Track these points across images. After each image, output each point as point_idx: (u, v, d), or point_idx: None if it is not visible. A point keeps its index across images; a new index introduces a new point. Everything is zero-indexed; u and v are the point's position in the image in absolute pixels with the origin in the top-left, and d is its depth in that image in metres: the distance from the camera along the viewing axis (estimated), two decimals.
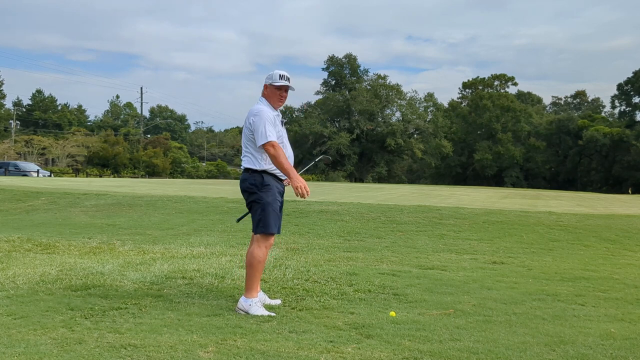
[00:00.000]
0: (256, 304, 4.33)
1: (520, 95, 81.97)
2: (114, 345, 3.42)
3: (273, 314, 4.25)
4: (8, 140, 60.19)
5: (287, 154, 4.54)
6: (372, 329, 3.93)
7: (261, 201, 4.41)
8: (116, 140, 62.22)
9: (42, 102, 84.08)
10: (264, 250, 4.43)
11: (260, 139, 4.33)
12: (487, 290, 5.40)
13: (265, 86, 4.58)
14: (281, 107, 4.70)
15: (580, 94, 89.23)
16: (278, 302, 4.62)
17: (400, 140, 65.45)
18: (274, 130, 4.38)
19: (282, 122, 4.62)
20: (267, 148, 4.33)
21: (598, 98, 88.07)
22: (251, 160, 4.47)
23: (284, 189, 4.62)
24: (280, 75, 4.55)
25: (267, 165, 4.45)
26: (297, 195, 4.30)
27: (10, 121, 67.55)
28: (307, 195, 4.29)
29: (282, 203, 4.58)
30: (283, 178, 4.55)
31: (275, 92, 4.55)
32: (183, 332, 3.74)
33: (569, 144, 70.18)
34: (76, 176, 49.17)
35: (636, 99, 69.86)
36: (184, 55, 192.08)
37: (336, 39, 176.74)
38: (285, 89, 4.59)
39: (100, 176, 50.35)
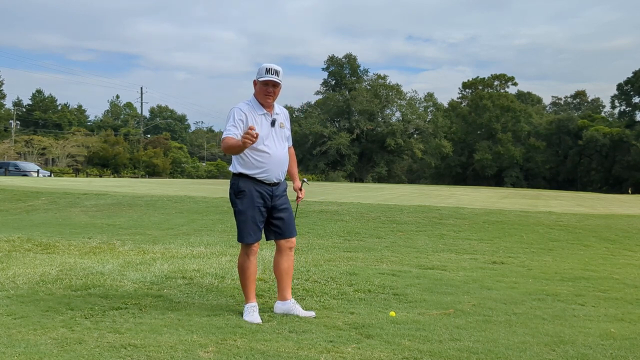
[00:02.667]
0: (247, 309, 4.20)
1: (520, 95, 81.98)
2: (114, 345, 3.42)
3: (259, 322, 4.04)
4: (8, 140, 60.19)
5: (277, 158, 4.24)
6: (372, 329, 3.93)
7: (235, 208, 4.29)
8: (116, 140, 62.25)
9: (42, 102, 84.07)
10: (244, 258, 4.29)
11: (226, 132, 4.10)
12: (487, 290, 5.40)
13: (254, 82, 4.26)
14: (284, 105, 4.53)
15: (580, 94, 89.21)
16: (312, 314, 4.27)
17: (400, 140, 65.46)
18: (235, 129, 4.07)
19: (273, 121, 4.25)
20: (222, 146, 4.13)
21: (598, 98, 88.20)
22: (232, 163, 4.34)
23: (272, 193, 4.28)
24: (267, 69, 4.16)
25: (243, 168, 4.24)
26: (246, 142, 3.79)
27: (10, 121, 67.56)
28: (251, 138, 3.78)
29: (269, 207, 4.28)
30: (268, 182, 4.25)
31: (262, 88, 4.19)
32: (183, 332, 3.74)
33: (569, 144, 70.18)
34: (76, 176, 49.16)
35: (636, 99, 69.88)
36: (184, 55, 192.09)
37: (336, 39, 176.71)
38: (273, 84, 4.17)
39: (100, 176, 50.35)
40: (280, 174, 4.32)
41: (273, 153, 4.24)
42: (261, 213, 4.26)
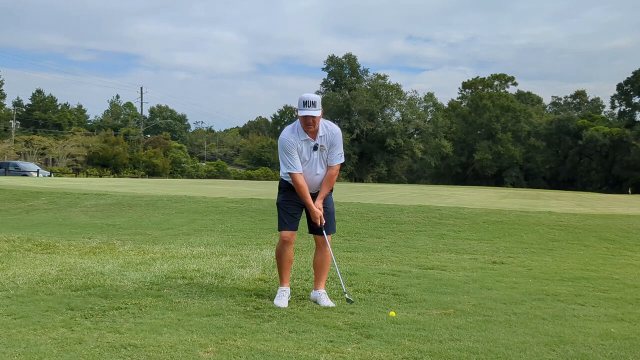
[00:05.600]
0: (278, 292, 4.70)
1: (520, 95, 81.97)
2: (114, 345, 3.42)
3: (282, 305, 4.48)
4: (8, 140, 60.16)
5: (310, 180, 4.66)
6: (372, 329, 3.93)
7: (276, 202, 4.86)
8: (116, 140, 62.20)
9: (42, 102, 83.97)
10: (279, 245, 4.76)
11: (283, 167, 4.68)
12: (487, 290, 5.40)
13: (296, 110, 4.61)
14: (322, 132, 4.67)
15: (580, 94, 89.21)
16: (331, 304, 4.62)
17: (400, 140, 65.46)
18: (293, 160, 4.58)
19: (314, 146, 4.62)
20: (291, 179, 4.66)
21: (598, 98, 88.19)
22: (281, 168, 4.84)
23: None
24: (304, 102, 4.49)
25: (283, 174, 4.79)
26: (314, 214, 4.67)
27: (10, 121, 67.54)
28: (320, 224, 4.68)
29: (300, 204, 4.74)
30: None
31: (302, 120, 4.56)
32: (183, 332, 3.74)
33: (568, 144, 70.17)
34: (76, 176, 49.16)
35: (636, 99, 69.83)
36: (184, 55, 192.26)
37: (336, 39, 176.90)
38: (311, 116, 4.50)
39: (100, 176, 50.34)
40: (313, 190, 4.77)
41: (308, 176, 4.68)
42: (296, 207, 4.75)
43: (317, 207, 4.69)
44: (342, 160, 4.80)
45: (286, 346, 3.50)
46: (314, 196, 4.73)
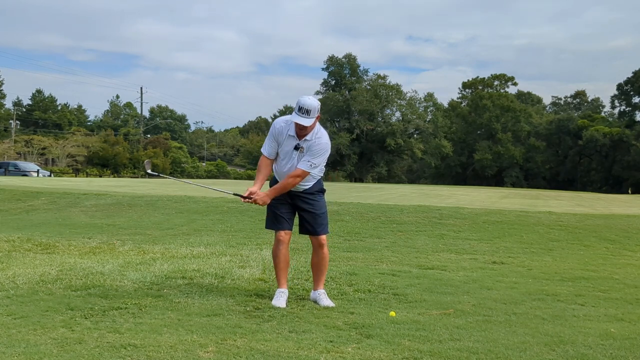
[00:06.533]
0: (276, 293, 4.68)
1: (520, 95, 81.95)
2: (114, 345, 3.42)
3: (281, 306, 4.47)
4: (8, 140, 60.16)
5: (284, 175, 4.63)
6: (372, 329, 3.93)
7: None
8: (116, 140, 62.22)
9: (42, 102, 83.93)
10: (275, 245, 4.77)
11: (264, 145, 4.81)
12: (487, 290, 5.40)
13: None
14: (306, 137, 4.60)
15: (580, 94, 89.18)
16: (331, 304, 4.62)
17: (400, 140, 65.45)
18: (268, 144, 4.71)
19: (296, 145, 4.58)
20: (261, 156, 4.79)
21: (598, 98, 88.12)
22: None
23: (290, 193, 4.70)
24: (299, 107, 4.45)
25: (274, 172, 4.84)
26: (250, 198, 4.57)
27: (10, 121, 67.52)
28: (250, 202, 4.55)
29: (291, 203, 4.75)
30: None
31: (295, 123, 4.55)
32: (183, 332, 3.74)
33: (568, 144, 70.15)
34: (76, 176, 49.17)
35: (636, 99, 69.80)
36: (184, 55, 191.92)
37: (336, 39, 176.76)
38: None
39: (100, 176, 50.35)
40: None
41: (284, 168, 4.68)
42: (284, 205, 4.74)
43: (257, 194, 4.56)
44: (309, 170, 4.56)
45: (286, 346, 3.50)
46: (300, 191, 4.70)
